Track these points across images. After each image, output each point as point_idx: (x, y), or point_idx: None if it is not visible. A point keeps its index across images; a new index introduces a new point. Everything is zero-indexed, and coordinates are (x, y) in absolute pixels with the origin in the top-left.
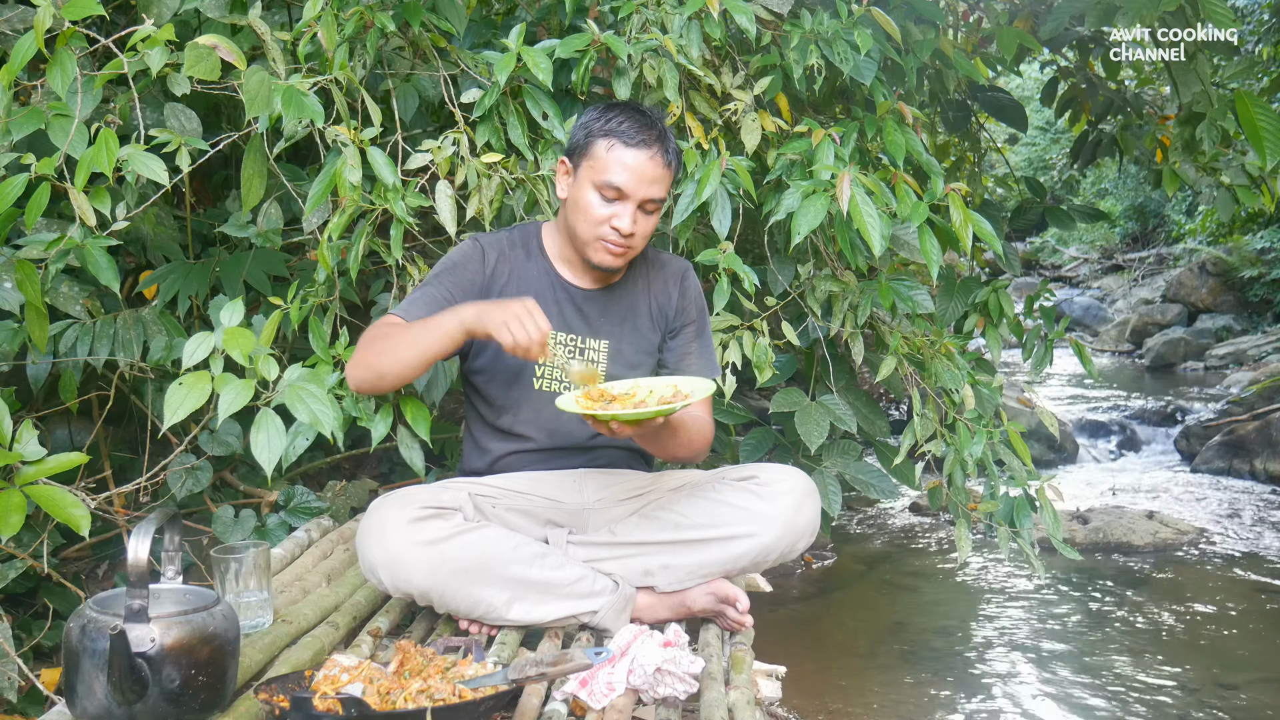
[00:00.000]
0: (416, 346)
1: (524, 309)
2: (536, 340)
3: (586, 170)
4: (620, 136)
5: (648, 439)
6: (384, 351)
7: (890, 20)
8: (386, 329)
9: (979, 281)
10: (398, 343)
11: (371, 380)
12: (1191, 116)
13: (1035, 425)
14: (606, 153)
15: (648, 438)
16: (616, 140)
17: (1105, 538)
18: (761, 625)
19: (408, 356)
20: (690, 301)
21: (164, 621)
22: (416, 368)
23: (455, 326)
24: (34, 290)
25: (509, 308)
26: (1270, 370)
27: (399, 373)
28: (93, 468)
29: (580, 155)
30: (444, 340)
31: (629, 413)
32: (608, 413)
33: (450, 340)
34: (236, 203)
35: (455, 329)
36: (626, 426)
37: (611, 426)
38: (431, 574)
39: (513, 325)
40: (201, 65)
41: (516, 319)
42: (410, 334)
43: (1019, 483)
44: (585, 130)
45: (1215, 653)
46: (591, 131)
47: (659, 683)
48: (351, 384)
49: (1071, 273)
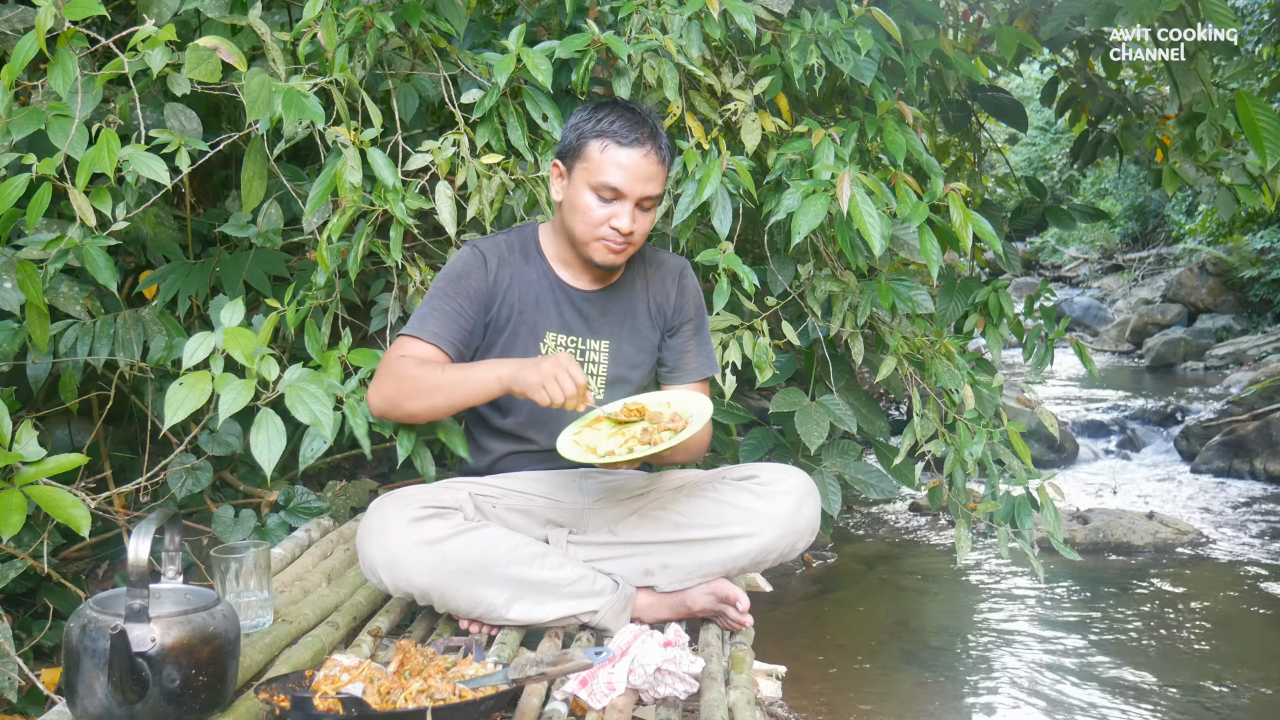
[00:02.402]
0: (451, 398)
1: (558, 367)
2: (574, 395)
3: (581, 172)
4: (613, 136)
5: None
6: (415, 394)
7: (890, 20)
8: (416, 368)
9: (979, 281)
10: (432, 388)
11: (398, 417)
12: (1192, 116)
13: (1035, 425)
14: (600, 153)
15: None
16: (610, 140)
17: (1105, 538)
18: (761, 625)
19: (440, 405)
20: (688, 299)
21: (164, 621)
22: (447, 414)
23: (494, 384)
24: (35, 290)
25: (542, 369)
26: (1270, 370)
27: (428, 417)
28: (93, 468)
29: (573, 157)
30: (480, 396)
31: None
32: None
33: (488, 397)
34: (236, 203)
35: (494, 386)
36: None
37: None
38: (432, 574)
39: (549, 386)
40: (202, 67)
41: (553, 380)
42: (446, 382)
43: (1019, 482)
44: (577, 132)
45: (1215, 653)
46: (583, 133)
47: (659, 682)
48: (373, 410)
49: (1071, 273)
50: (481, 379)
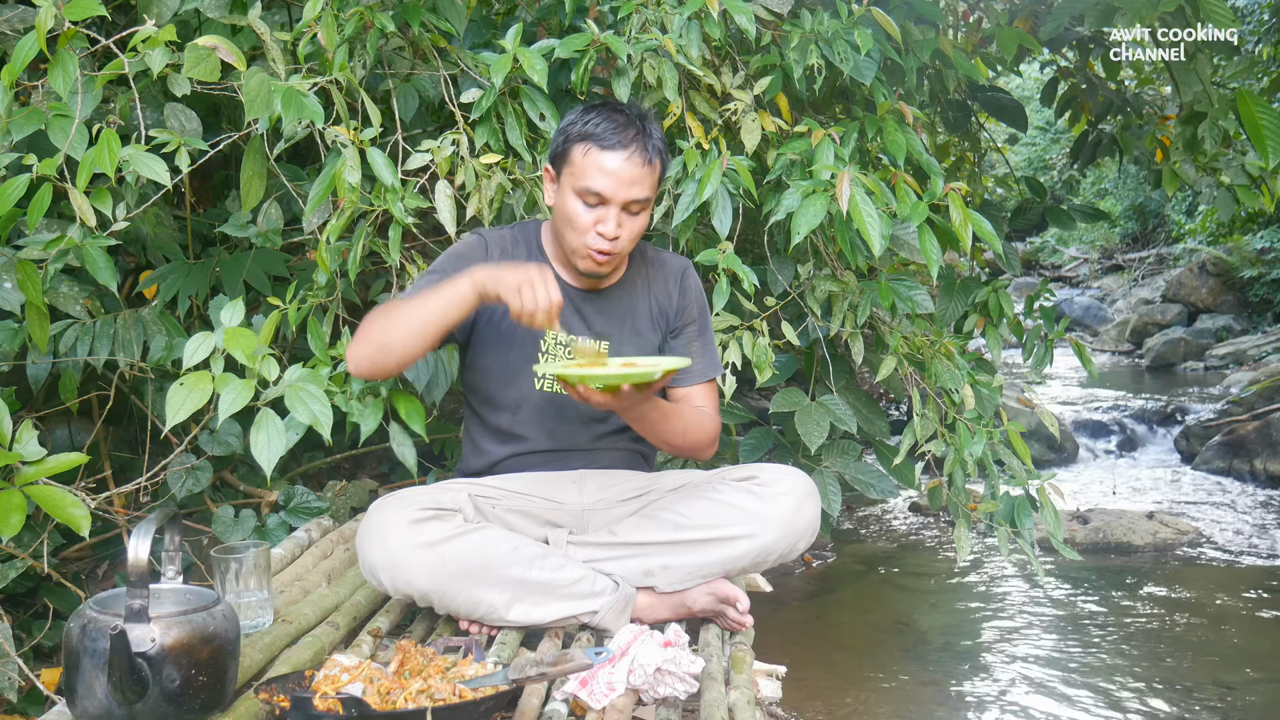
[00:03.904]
0: (425, 312)
1: (538, 274)
2: (545, 308)
3: (567, 177)
4: (596, 140)
5: (635, 419)
6: (390, 323)
7: (890, 20)
8: (390, 303)
9: (979, 281)
10: (404, 311)
11: (373, 354)
12: (1192, 116)
13: (1035, 425)
14: (583, 158)
15: (635, 417)
16: (593, 144)
17: (1105, 538)
18: (761, 625)
19: (414, 323)
20: (691, 300)
21: (164, 621)
22: (424, 337)
23: (467, 287)
24: (35, 290)
25: (525, 271)
26: (1270, 370)
27: (406, 343)
28: (93, 468)
29: (561, 162)
30: (454, 304)
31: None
32: (577, 373)
33: (461, 303)
34: (236, 203)
35: (467, 290)
36: (601, 395)
37: (580, 390)
38: (431, 575)
39: (524, 290)
40: (202, 66)
41: (529, 284)
42: (416, 301)
43: (1019, 482)
44: (563, 135)
45: (1215, 653)
46: (569, 136)
47: (659, 683)
48: (352, 367)
49: (1071, 273)
50: (454, 284)
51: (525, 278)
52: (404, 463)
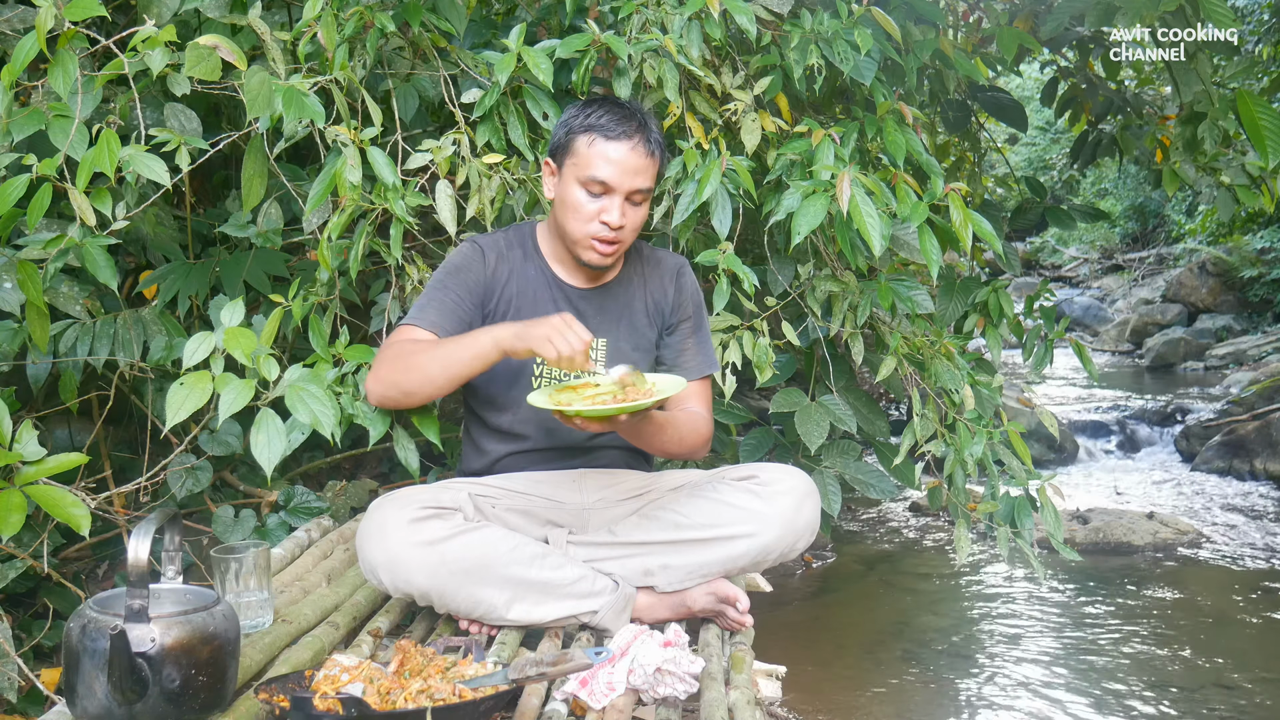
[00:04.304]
0: (448, 367)
1: (563, 322)
2: (580, 350)
3: (570, 168)
4: (600, 130)
5: (630, 434)
6: (412, 370)
7: (890, 20)
8: (411, 346)
9: (979, 281)
10: (426, 361)
11: (396, 398)
12: (1192, 116)
13: (1035, 425)
14: (588, 148)
15: (630, 433)
16: (597, 135)
17: (1105, 538)
18: (761, 625)
19: (437, 376)
20: (686, 298)
21: (164, 621)
22: (445, 388)
23: (490, 347)
24: (35, 290)
25: (549, 323)
26: (1270, 370)
27: (428, 393)
28: (93, 468)
29: (563, 154)
30: (477, 362)
31: (588, 409)
32: (571, 409)
33: (484, 361)
34: (236, 203)
35: (490, 350)
36: (594, 422)
37: (576, 422)
38: (431, 574)
39: (555, 339)
40: (202, 66)
41: (559, 333)
42: (440, 353)
43: (1019, 483)
44: (565, 128)
45: (1215, 653)
46: (572, 129)
47: (659, 683)
48: (373, 400)
49: (1071, 273)
50: (477, 342)
51: (554, 328)
52: (406, 465)
